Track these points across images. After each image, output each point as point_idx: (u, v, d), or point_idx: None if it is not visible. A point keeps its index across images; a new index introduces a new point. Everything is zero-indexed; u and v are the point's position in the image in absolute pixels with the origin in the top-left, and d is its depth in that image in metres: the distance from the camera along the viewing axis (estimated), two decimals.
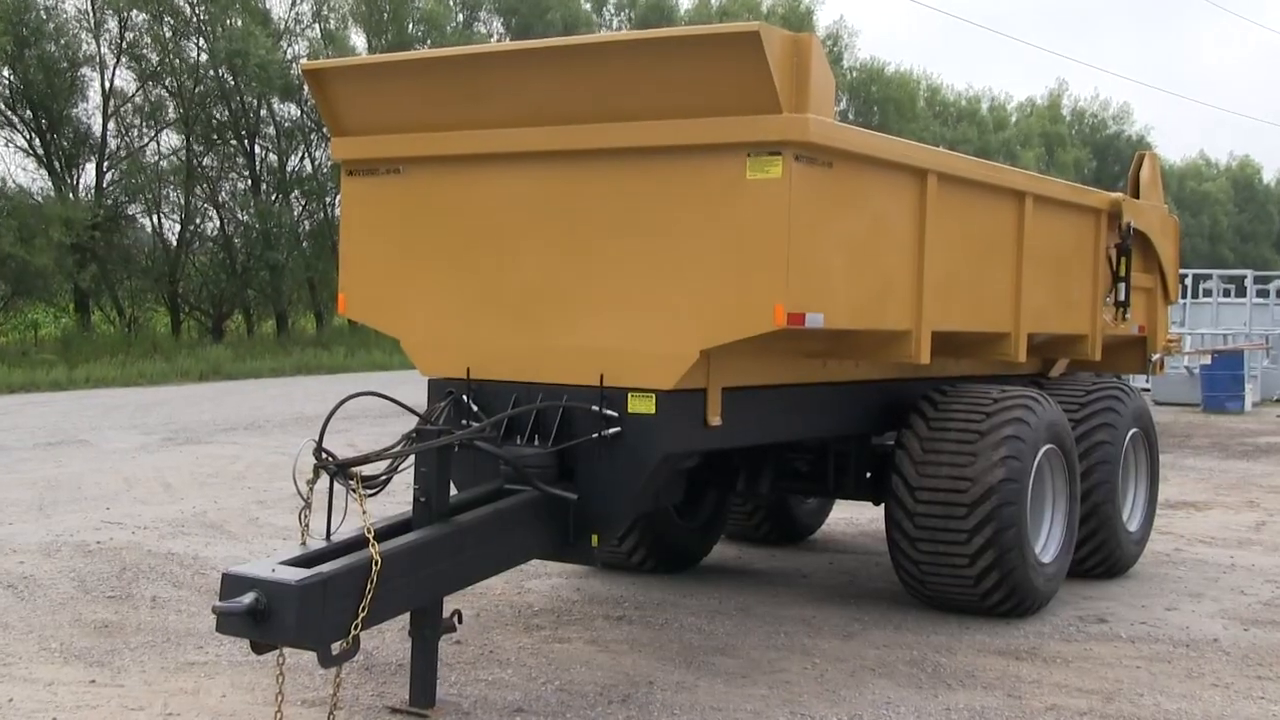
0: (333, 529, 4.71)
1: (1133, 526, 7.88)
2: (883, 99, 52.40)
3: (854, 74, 51.94)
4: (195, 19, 31.50)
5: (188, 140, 31.98)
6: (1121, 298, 7.78)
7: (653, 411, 5.28)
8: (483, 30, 40.24)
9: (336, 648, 4.42)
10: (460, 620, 5.03)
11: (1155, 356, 8.65)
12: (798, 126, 5.01)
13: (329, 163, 32.91)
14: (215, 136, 32.95)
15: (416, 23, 36.57)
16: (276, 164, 34.45)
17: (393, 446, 4.99)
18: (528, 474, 5.31)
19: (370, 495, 4.71)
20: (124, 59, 30.88)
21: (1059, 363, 8.30)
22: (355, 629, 4.41)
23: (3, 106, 29.51)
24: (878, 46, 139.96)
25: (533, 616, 6.52)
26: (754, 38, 4.89)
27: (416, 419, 5.24)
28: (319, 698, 5.15)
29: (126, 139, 31.76)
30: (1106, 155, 67.20)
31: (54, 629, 6.16)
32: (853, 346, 6.05)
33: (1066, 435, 6.87)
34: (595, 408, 5.35)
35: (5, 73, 28.90)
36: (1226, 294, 24.29)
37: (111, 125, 30.93)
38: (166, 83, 31.72)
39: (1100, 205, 7.69)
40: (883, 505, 6.69)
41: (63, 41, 29.49)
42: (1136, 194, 8.38)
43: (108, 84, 30.59)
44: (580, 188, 5.44)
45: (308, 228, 35.10)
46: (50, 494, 10.08)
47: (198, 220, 33.31)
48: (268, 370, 25.32)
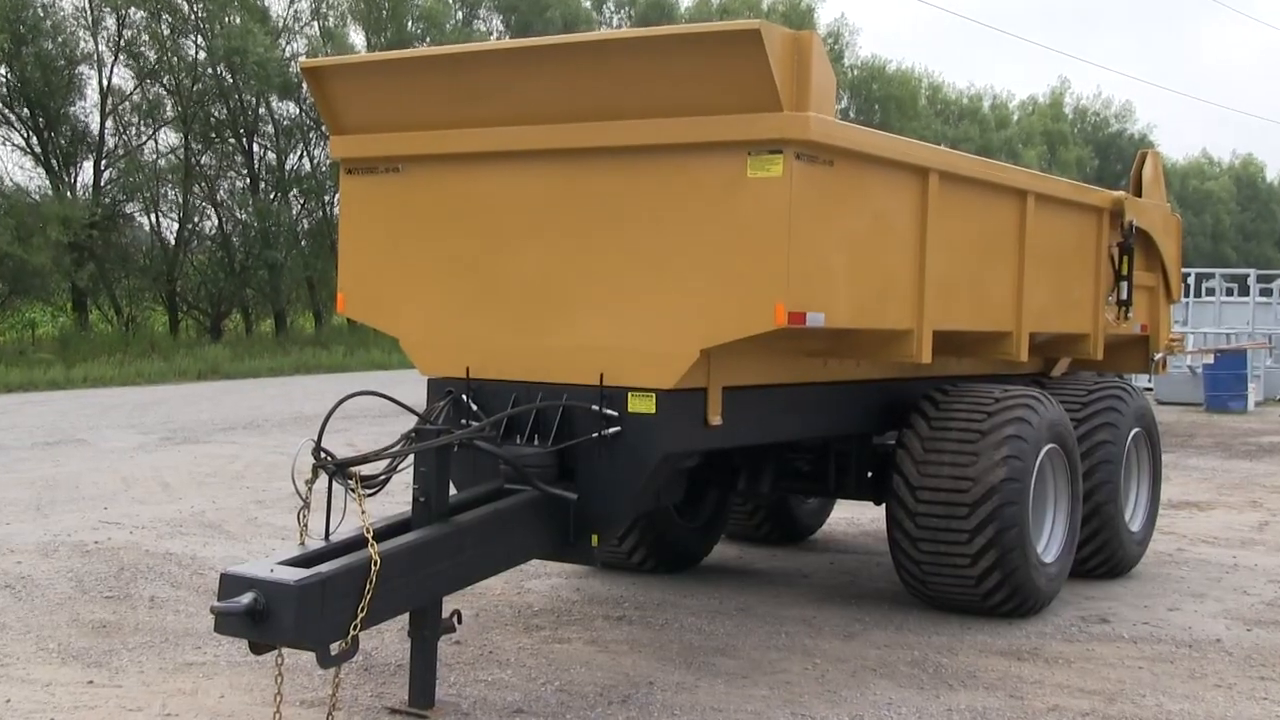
0: (332, 529, 4.70)
1: (1135, 526, 7.86)
2: (884, 97, 52.41)
3: (855, 72, 51.95)
4: (193, 16, 31.48)
5: (186, 138, 31.96)
6: (1124, 297, 7.76)
7: (653, 411, 5.27)
8: (482, 28, 40.24)
9: (335, 648, 4.40)
10: (459, 620, 5.02)
11: (1158, 356, 8.64)
12: (798, 125, 5.00)
13: (328, 161, 32.91)
14: (213, 135, 32.93)
15: (416, 20, 36.57)
16: (275, 162, 34.46)
17: (392, 446, 4.98)
18: (527, 474, 5.30)
19: (369, 495, 4.70)
20: (122, 57, 30.88)
21: (1061, 362, 8.29)
22: (354, 629, 4.40)
23: (0, 105, 29.48)
24: (879, 44, 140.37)
25: (532, 617, 6.50)
26: (754, 35, 4.88)
27: (416, 418, 5.23)
28: (318, 698, 5.13)
29: (124, 137, 31.76)
30: (1109, 154, 67.17)
31: (51, 629, 6.14)
32: (854, 346, 6.04)
33: (1068, 435, 6.86)
34: (595, 407, 5.34)
35: (2, 70, 28.89)
36: (1229, 293, 24.25)
37: (109, 123, 30.94)
38: (164, 81, 31.71)
39: (1102, 204, 7.68)
40: (884, 505, 6.68)
41: (60, 39, 29.46)
42: (1139, 192, 8.36)
43: (105, 82, 30.64)
44: (580, 186, 5.42)
45: (306, 226, 35.11)
46: (48, 494, 10.06)
47: (196, 219, 33.34)
48: (266, 370, 25.31)
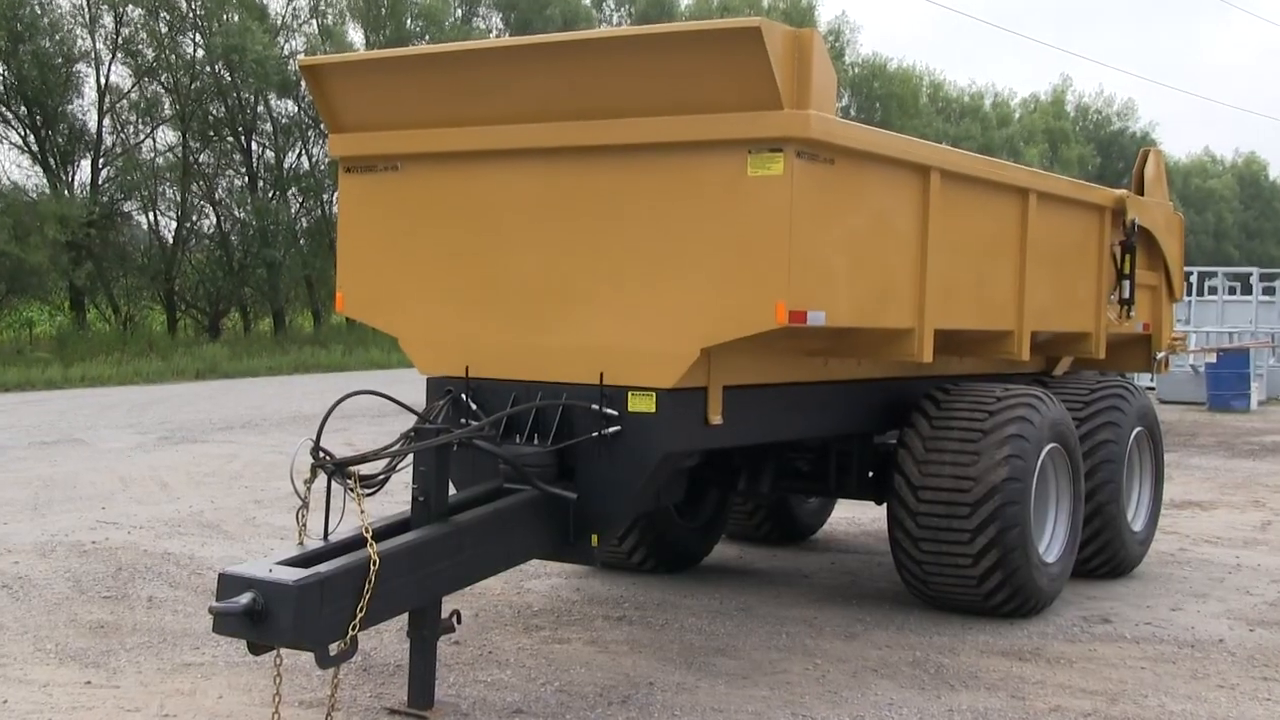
0: (330, 529, 4.68)
1: (1137, 526, 7.84)
2: (885, 95, 52.41)
3: (856, 70, 51.97)
4: (192, 14, 31.46)
5: (184, 137, 31.94)
6: (1126, 295, 7.75)
7: (653, 410, 5.26)
8: (481, 26, 40.22)
9: (334, 648, 4.39)
10: (459, 621, 5.00)
11: (1160, 355, 8.62)
12: (799, 123, 4.99)
13: (326, 159, 32.88)
14: (212, 133, 32.93)
15: (415, 18, 36.56)
16: (274, 161, 34.46)
17: (391, 445, 4.96)
18: (527, 473, 5.29)
19: (368, 495, 4.69)
20: (120, 55, 30.87)
21: (1063, 361, 8.28)
22: (353, 629, 4.39)
23: None
24: (880, 42, 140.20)
25: (532, 617, 6.49)
26: (755, 33, 4.86)
27: (415, 418, 5.21)
28: (316, 699, 5.11)
29: (122, 135, 31.75)
30: (1111, 152, 67.13)
31: (49, 630, 6.12)
32: (854, 345, 6.02)
33: (1070, 434, 6.84)
34: (595, 406, 5.33)
35: None
36: (1232, 291, 24.22)
37: (107, 121, 30.93)
38: (162, 79, 31.70)
39: (1104, 202, 7.67)
40: (885, 505, 6.66)
41: (57, 37, 29.43)
42: (1141, 191, 8.36)
43: (103, 80, 30.62)
44: (580, 184, 5.41)
45: (305, 225, 35.12)
46: (45, 493, 10.04)
47: (194, 217, 33.35)
48: (265, 369, 25.30)
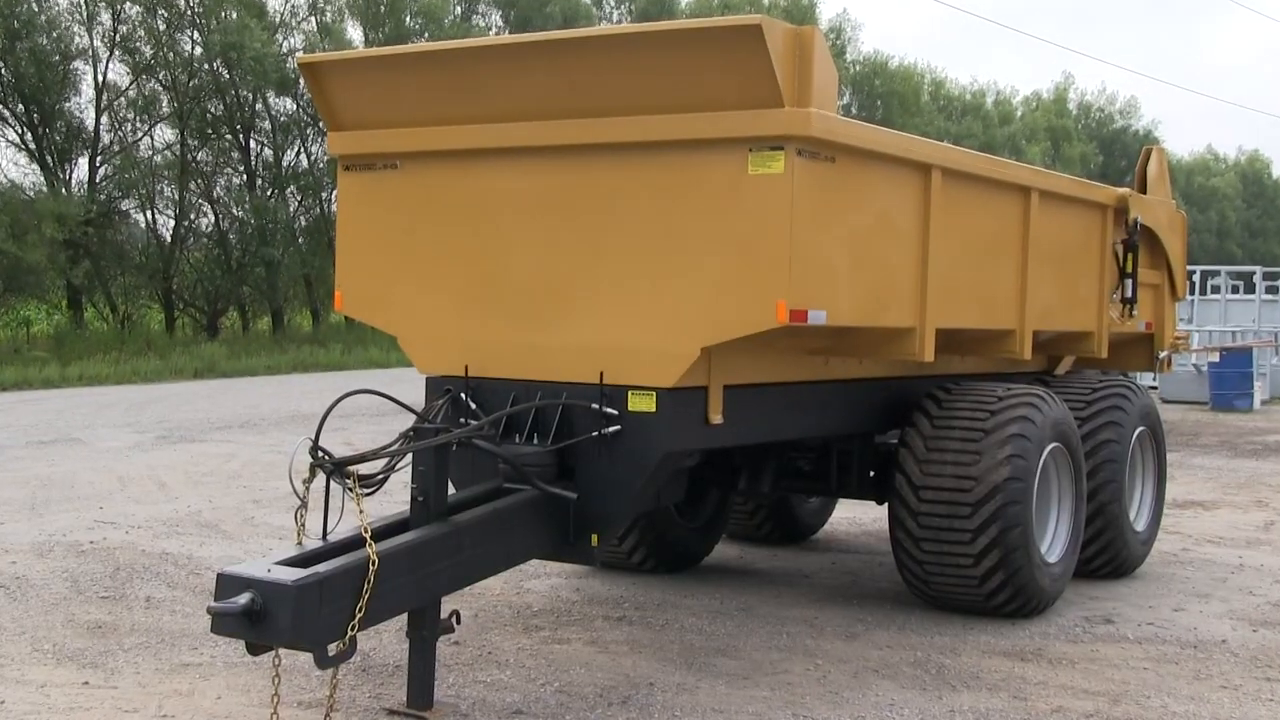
0: (329, 528, 4.67)
1: (1140, 526, 7.83)
2: (886, 93, 52.37)
3: (857, 68, 51.94)
4: (189, 11, 31.42)
5: (182, 135, 31.91)
6: (1128, 294, 7.74)
7: (653, 409, 5.25)
8: (481, 23, 40.20)
9: (333, 649, 4.38)
10: (458, 621, 4.99)
11: (1162, 354, 8.61)
12: (800, 121, 4.97)
13: (325, 158, 32.86)
14: (210, 131, 32.90)
15: (414, 15, 36.53)
16: (272, 159, 34.43)
17: (390, 445, 4.95)
18: (527, 473, 5.28)
19: (367, 494, 4.68)
20: (117, 52, 30.83)
21: (1065, 360, 8.27)
22: (352, 630, 4.38)
23: None
24: (881, 40, 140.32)
25: (532, 617, 6.47)
26: (755, 31, 4.85)
27: (414, 417, 5.18)
28: (315, 699, 5.10)
29: (120, 133, 31.73)
30: (1113, 150, 67.03)
31: (47, 630, 6.10)
32: (855, 344, 6.01)
33: (1072, 434, 6.82)
34: (595, 406, 5.32)
35: None
36: (1235, 290, 24.16)
37: (104, 119, 30.92)
38: (160, 76, 31.66)
39: (1107, 201, 7.66)
40: (886, 504, 6.65)
41: (55, 34, 29.40)
42: (1143, 189, 8.34)
43: (101, 77, 30.57)
44: (580, 183, 5.40)
45: (304, 223, 35.09)
46: (43, 493, 10.01)
47: (192, 216, 33.33)
48: (263, 368, 25.28)
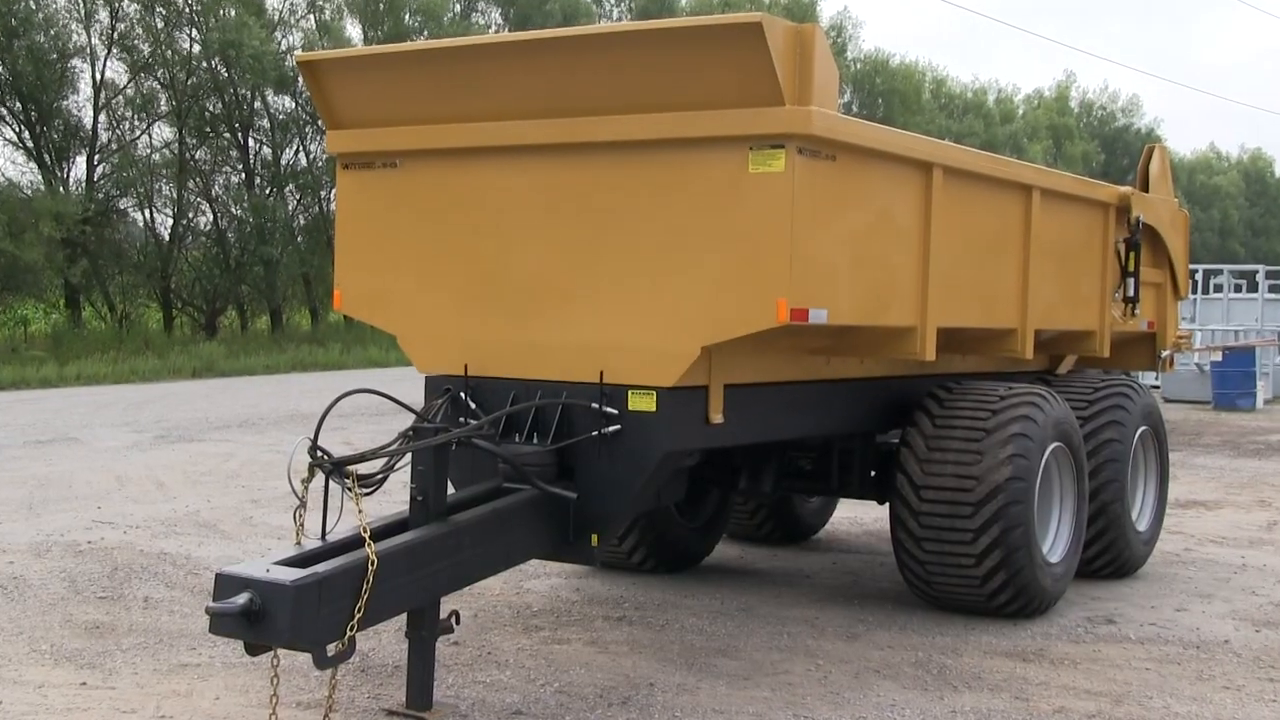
0: (328, 528, 4.66)
1: (1142, 526, 7.81)
2: (887, 91, 52.30)
3: (858, 66, 51.89)
4: (188, 9, 31.38)
5: (180, 133, 31.87)
6: (1130, 293, 7.73)
7: (653, 409, 5.24)
8: (480, 21, 40.15)
9: (332, 649, 4.37)
10: (458, 621, 4.98)
11: (1165, 353, 8.60)
12: (801, 119, 4.96)
13: (324, 156, 32.82)
14: (208, 129, 32.86)
15: (413, 13, 36.47)
16: (271, 157, 34.39)
17: (389, 444, 4.94)
18: (526, 472, 5.27)
19: (366, 494, 4.67)
20: (115, 50, 30.77)
21: (1067, 359, 8.26)
22: (351, 630, 4.37)
23: None
24: (882, 38, 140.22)
25: (531, 617, 6.45)
26: (756, 28, 4.84)
27: (413, 416, 5.17)
28: (314, 700, 5.09)
29: (118, 132, 31.68)
30: (1115, 148, 66.96)
31: (44, 630, 6.09)
32: (857, 343, 6.00)
33: (1074, 433, 6.80)
34: (595, 405, 5.31)
35: None
36: (1237, 289, 24.09)
37: (102, 118, 30.88)
38: (158, 74, 31.61)
39: (1109, 199, 7.65)
40: (887, 504, 6.63)
41: (52, 32, 29.33)
42: (1146, 187, 8.33)
43: (98, 76, 30.52)
44: (580, 181, 5.39)
45: (303, 222, 35.06)
46: (40, 493, 9.99)
47: (190, 214, 33.30)
48: (262, 367, 25.25)
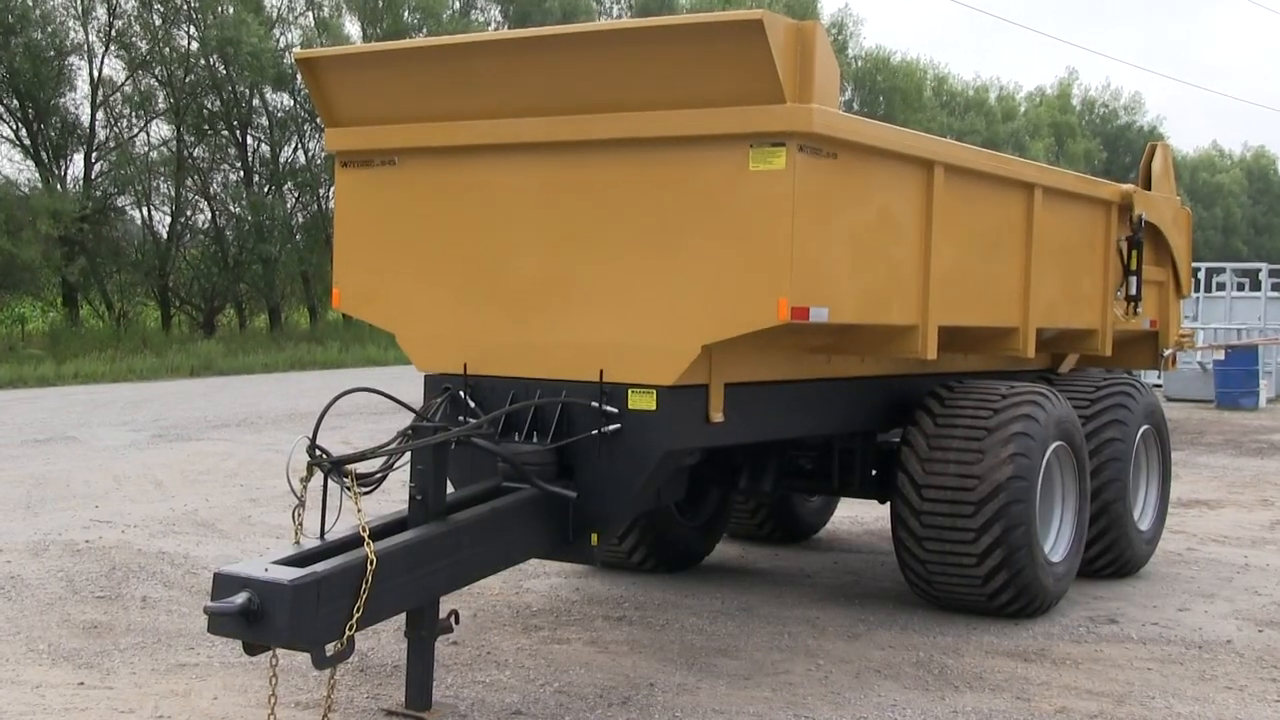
0: (327, 528, 4.65)
1: (1144, 525, 7.81)
2: (888, 89, 52.20)
3: (859, 63, 51.82)
4: (186, 6, 31.31)
5: (178, 131, 31.82)
6: (1133, 292, 7.72)
7: (653, 408, 5.23)
8: (480, 18, 40.08)
9: (331, 649, 4.36)
10: (457, 621, 4.98)
11: (1167, 352, 8.60)
12: (802, 117, 4.95)
13: (323, 154, 32.78)
14: (206, 127, 32.81)
15: (412, 11, 36.42)
16: (269, 155, 34.34)
17: (388, 443, 4.93)
18: (526, 471, 5.26)
19: (365, 493, 4.66)
20: (113, 47, 30.69)
21: (1069, 358, 8.25)
22: (350, 630, 4.36)
23: None
24: (883, 35, 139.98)
25: (531, 617, 6.44)
26: (757, 26, 4.82)
27: (412, 415, 5.15)
28: (313, 700, 5.08)
29: (115, 129, 31.62)
30: (1117, 146, 66.79)
31: (42, 630, 6.07)
32: (858, 341, 6.00)
33: (1076, 432, 6.79)
34: (595, 404, 5.30)
35: None
36: (1240, 288, 23.97)
37: (100, 115, 30.77)
38: (156, 72, 31.55)
39: (1111, 197, 7.63)
40: (888, 503, 6.61)
41: (49, 29, 29.25)
42: (1148, 185, 8.33)
43: (96, 73, 30.43)
44: (580, 179, 5.37)
45: (301, 220, 35.01)
46: (38, 492, 9.97)
47: (189, 212, 33.24)
48: (260, 366, 25.22)
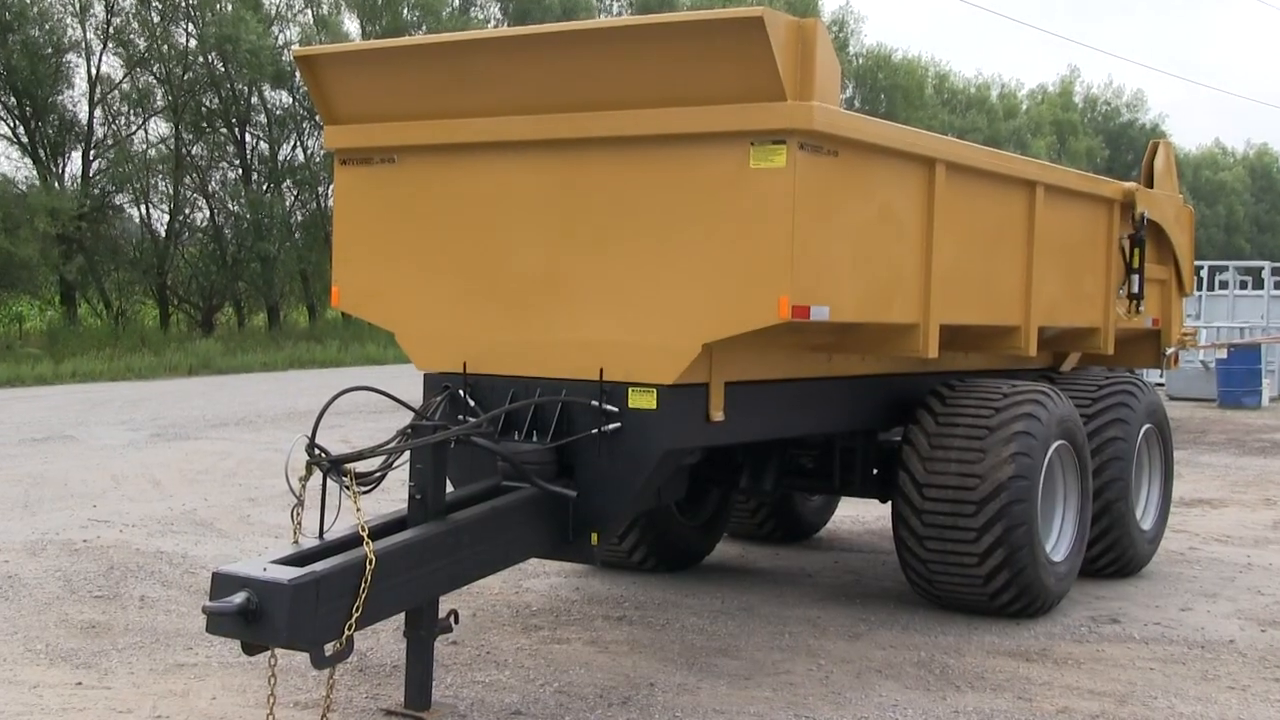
0: (326, 527, 4.64)
1: (1146, 525, 7.79)
2: (890, 86, 52.16)
3: (860, 60, 51.79)
4: (184, 3, 31.27)
5: (176, 128, 31.79)
6: (1135, 290, 7.71)
7: (654, 407, 5.22)
8: (479, 16, 40.05)
9: (330, 649, 4.35)
10: (456, 620, 4.97)
11: (1169, 350, 8.60)
12: (802, 114, 4.94)
13: (322, 152, 32.75)
14: (205, 125, 32.79)
15: (411, 8, 36.40)
16: (268, 153, 34.32)
17: (388, 442, 4.92)
18: (526, 470, 5.25)
19: (364, 492, 4.65)
20: (111, 44, 30.67)
21: (1070, 357, 8.24)
22: (349, 629, 4.35)
23: None
24: (885, 32, 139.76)
25: (531, 617, 6.43)
26: (758, 23, 4.82)
27: (412, 414, 5.13)
28: (312, 700, 5.07)
29: (113, 127, 31.58)
30: (1120, 144, 66.67)
31: (40, 630, 6.06)
32: (859, 340, 5.99)
33: (1078, 431, 6.78)
34: (595, 403, 5.29)
35: None
36: (1243, 286, 23.94)
37: (98, 113, 30.74)
38: (154, 69, 31.52)
39: (1113, 195, 7.62)
40: (890, 503, 6.60)
41: (47, 26, 29.20)
42: (1150, 183, 8.32)
43: (94, 70, 30.39)
44: (580, 177, 5.36)
45: (300, 218, 34.98)
46: (36, 491, 9.95)
47: (187, 210, 33.22)
48: (259, 364, 25.20)
